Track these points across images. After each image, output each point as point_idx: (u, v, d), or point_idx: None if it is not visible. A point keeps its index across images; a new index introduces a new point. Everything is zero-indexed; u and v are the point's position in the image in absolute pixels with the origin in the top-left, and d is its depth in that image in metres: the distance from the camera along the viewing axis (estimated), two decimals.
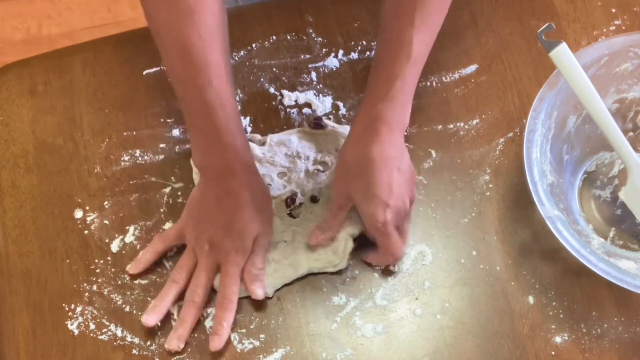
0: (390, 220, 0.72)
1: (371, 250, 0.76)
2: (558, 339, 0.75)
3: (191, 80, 0.69)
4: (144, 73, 0.85)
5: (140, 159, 0.81)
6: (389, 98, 0.71)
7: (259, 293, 0.74)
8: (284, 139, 0.80)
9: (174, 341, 0.73)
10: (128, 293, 0.76)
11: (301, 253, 0.76)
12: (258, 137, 0.81)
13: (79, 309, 0.76)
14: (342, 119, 0.82)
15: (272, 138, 0.80)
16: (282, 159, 0.80)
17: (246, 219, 0.74)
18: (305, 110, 0.83)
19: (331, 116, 0.82)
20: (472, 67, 0.84)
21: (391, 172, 0.72)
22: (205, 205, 0.75)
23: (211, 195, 0.74)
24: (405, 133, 0.76)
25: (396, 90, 0.71)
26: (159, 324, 0.74)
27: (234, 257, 0.74)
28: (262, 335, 0.75)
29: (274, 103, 0.83)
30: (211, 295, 0.76)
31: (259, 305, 0.76)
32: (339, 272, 0.77)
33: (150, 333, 0.75)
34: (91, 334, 0.75)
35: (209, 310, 0.76)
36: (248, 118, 0.83)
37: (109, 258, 0.78)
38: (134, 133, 0.82)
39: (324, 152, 0.80)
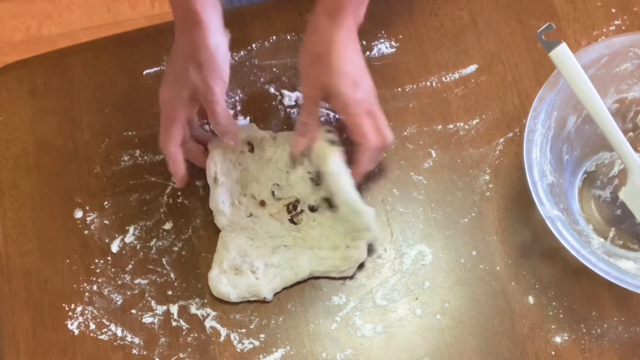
0: (360, 98, 0.73)
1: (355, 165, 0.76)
2: (558, 339, 0.75)
3: None
4: (144, 73, 0.85)
5: (140, 159, 0.81)
6: None
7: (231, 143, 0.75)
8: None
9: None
10: (128, 293, 0.77)
11: (302, 257, 0.76)
12: (270, 132, 0.81)
13: (79, 309, 0.76)
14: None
15: (281, 135, 0.80)
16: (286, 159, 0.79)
17: (216, 61, 0.73)
18: None
19: (332, 112, 0.82)
20: (472, 67, 0.84)
21: (354, 53, 0.74)
22: (175, 61, 0.74)
23: (181, 49, 0.74)
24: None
25: None
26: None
27: (212, 97, 0.73)
28: (262, 335, 0.75)
29: (274, 103, 0.83)
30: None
31: (259, 305, 0.76)
32: (341, 277, 0.77)
33: (150, 333, 0.75)
34: (91, 334, 0.75)
35: (209, 310, 0.76)
36: (248, 118, 0.83)
37: (109, 258, 0.78)
38: (134, 133, 0.82)
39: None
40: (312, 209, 0.78)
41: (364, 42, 0.85)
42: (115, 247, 0.78)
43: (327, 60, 0.72)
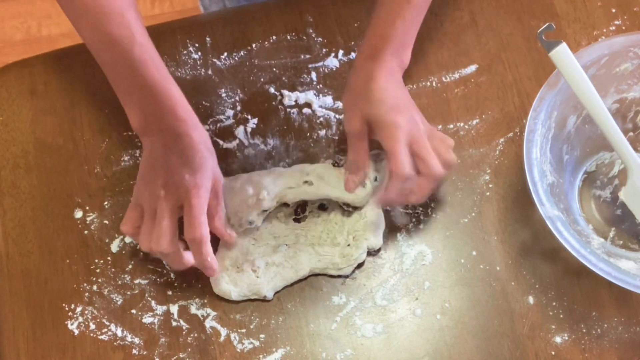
0: (400, 123, 0.71)
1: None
2: (558, 339, 0.75)
3: (115, 40, 0.68)
4: None
5: (140, 159, 0.81)
6: (390, 36, 0.74)
7: (232, 239, 0.74)
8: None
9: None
10: (128, 293, 0.76)
11: (302, 255, 0.76)
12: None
13: (79, 309, 0.76)
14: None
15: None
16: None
17: (202, 154, 0.71)
18: (305, 110, 0.83)
19: (332, 112, 0.82)
20: (472, 67, 0.84)
21: (396, 87, 0.74)
22: (154, 157, 0.71)
23: (158, 145, 0.71)
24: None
25: (396, 30, 0.74)
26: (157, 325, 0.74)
27: (196, 192, 0.70)
28: (262, 335, 0.75)
29: (274, 103, 0.83)
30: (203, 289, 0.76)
31: (259, 305, 0.76)
32: (339, 275, 0.77)
33: (150, 333, 0.75)
34: (91, 334, 0.75)
35: (209, 310, 0.76)
36: (249, 118, 0.83)
37: (109, 258, 0.78)
38: (134, 133, 0.82)
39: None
40: (323, 207, 0.78)
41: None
42: (115, 247, 0.78)
43: (366, 92, 0.72)
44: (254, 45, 0.85)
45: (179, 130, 0.70)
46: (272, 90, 0.84)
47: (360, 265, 0.77)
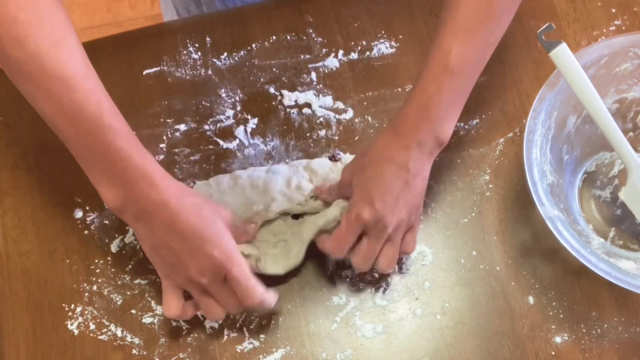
0: (365, 217, 0.67)
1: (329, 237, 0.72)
2: (558, 339, 0.75)
3: (81, 111, 0.61)
4: (144, 73, 0.85)
5: None
6: (423, 107, 0.67)
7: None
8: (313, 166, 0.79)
9: None
10: (128, 293, 0.76)
11: (296, 245, 0.75)
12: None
13: (79, 309, 0.76)
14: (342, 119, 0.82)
15: (301, 163, 0.79)
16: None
17: (208, 221, 0.66)
18: (305, 110, 0.83)
19: (332, 112, 0.82)
20: None
21: (399, 184, 0.68)
22: (165, 246, 0.66)
23: (157, 232, 0.66)
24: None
25: (430, 100, 0.66)
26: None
27: (231, 262, 0.67)
28: (262, 335, 0.75)
29: (274, 103, 0.83)
30: None
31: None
32: (338, 273, 0.77)
33: (150, 333, 0.75)
34: (91, 334, 0.75)
35: None
36: (249, 118, 0.83)
37: (109, 258, 0.78)
38: (134, 133, 0.82)
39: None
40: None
41: (364, 42, 0.85)
42: (115, 247, 0.78)
43: (367, 170, 0.69)
44: (254, 45, 0.85)
45: (171, 208, 0.64)
46: (272, 90, 0.84)
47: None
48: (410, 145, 0.67)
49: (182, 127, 0.82)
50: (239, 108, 0.83)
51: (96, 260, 0.78)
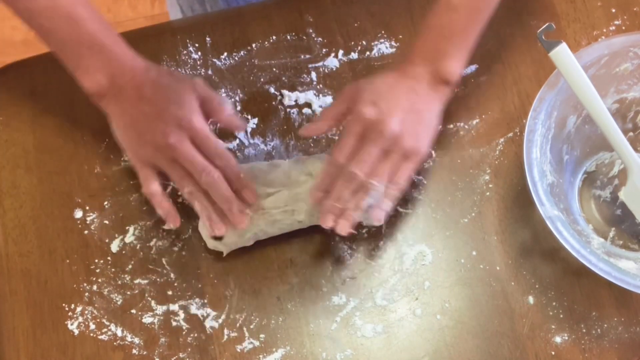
0: (366, 114, 0.67)
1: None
2: (558, 339, 0.75)
3: (55, 4, 0.68)
4: None
5: None
6: (425, 42, 0.70)
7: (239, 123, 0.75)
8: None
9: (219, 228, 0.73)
10: (128, 293, 0.77)
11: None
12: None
13: (79, 309, 0.76)
14: None
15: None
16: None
17: (172, 84, 0.71)
18: (305, 110, 0.83)
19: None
20: (472, 67, 0.84)
21: (406, 102, 0.69)
22: (132, 119, 0.72)
23: (127, 105, 0.71)
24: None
25: (430, 34, 0.70)
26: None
27: (194, 117, 0.71)
28: (262, 335, 0.75)
29: (274, 103, 0.83)
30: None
31: (259, 305, 0.76)
32: (337, 273, 0.77)
33: (150, 333, 0.75)
34: (91, 334, 0.75)
35: (209, 310, 0.76)
36: (249, 117, 0.83)
37: (109, 258, 0.78)
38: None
39: None
40: None
41: (364, 42, 0.85)
42: (115, 247, 0.78)
43: (374, 86, 0.70)
44: (254, 45, 0.85)
45: (138, 79, 0.70)
46: (272, 90, 0.84)
47: (361, 265, 0.77)
48: (417, 77, 0.70)
49: None
50: (239, 108, 0.83)
51: (96, 260, 0.78)
